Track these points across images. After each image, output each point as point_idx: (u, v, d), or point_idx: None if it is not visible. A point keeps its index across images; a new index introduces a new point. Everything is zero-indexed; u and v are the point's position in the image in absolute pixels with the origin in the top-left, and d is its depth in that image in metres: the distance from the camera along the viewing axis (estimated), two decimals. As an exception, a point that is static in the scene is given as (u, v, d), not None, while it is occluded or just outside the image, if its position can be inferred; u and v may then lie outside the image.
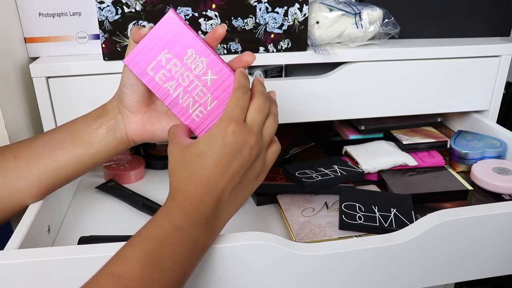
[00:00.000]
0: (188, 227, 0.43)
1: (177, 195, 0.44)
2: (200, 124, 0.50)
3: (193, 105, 0.50)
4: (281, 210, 0.67)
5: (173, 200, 0.44)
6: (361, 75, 0.73)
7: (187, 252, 0.42)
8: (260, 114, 0.47)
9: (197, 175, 0.44)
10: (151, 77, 0.49)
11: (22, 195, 0.53)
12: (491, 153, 0.74)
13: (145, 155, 0.84)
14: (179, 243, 0.42)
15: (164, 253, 0.41)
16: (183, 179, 0.45)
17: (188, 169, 0.45)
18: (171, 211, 0.44)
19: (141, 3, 0.64)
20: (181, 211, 0.43)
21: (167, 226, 0.42)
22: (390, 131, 0.83)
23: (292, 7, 0.68)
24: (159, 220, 0.43)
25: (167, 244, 0.41)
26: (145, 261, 0.39)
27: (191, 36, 0.49)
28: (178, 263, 0.41)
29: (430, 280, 0.55)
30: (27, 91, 0.68)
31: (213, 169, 0.44)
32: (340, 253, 0.50)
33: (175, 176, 0.46)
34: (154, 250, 0.40)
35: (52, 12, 0.67)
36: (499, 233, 0.55)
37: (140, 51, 0.49)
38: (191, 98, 0.49)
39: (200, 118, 0.50)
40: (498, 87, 0.80)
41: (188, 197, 0.44)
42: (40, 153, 0.52)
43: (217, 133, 0.45)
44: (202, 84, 0.49)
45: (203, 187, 0.44)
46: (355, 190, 0.69)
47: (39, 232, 0.54)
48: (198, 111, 0.50)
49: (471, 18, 0.81)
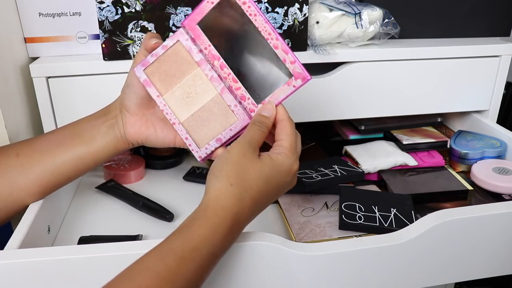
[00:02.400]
0: (218, 244, 0.42)
1: (221, 212, 0.43)
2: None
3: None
4: (281, 210, 0.67)
5: (215, 216, 0.42)
6: (361, 75, 0.73)
7: (211, 263, 0.42)
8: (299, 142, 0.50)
9: (253, 199, 0.44)
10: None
11: (23, 193, 0.53)
12: (491, 153, 0.74)
13: (145, 155, 0.84)
14: (207, 259, 0.41)
15: (191, 269, 0.40)
16: (235, 194, 0.43)
17: (245, 187, 0.44)
18: (211, 229, 0.42)
19: (141, 3, 0.64)
20: (222, 233, 0.42)
21: (202, 248, 0.41)
22: (390, 131, 0.83)
23: (292, 7, 0.68)
24: (193, 237, 0.41)
25: (197, 262, 0.41)
26: (174, 280, 0.39)
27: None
28: (200, 277, 0.42)
29: (430, 280, 0.55)
30: (27, 91, 0.68)
31: (266, 198, 0.46)
32: (340, 253, 0.50)
33: (233, 185, 0.44)
34: (184, 268, 0.40)
35: (52, 12, 0.67)
36: (499, 233, 0.55)
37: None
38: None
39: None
40: (498, 87, 0.80)
41: (231, 216, 0.43)
42: (42, 151, 0.53)
43: (286, 165, 0.46)
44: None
45: (251, 212, 0.45)
46: (355, 190, 0.69)
47: (39, 232, 0.54)
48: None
49: (471, 18, 0.81)
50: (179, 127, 0.50)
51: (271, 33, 0.48)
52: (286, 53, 0.48)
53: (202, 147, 0.50)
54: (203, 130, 0.50)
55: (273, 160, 0.46)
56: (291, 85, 0.48)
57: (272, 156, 0.46)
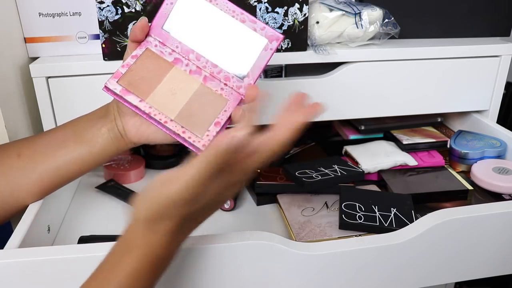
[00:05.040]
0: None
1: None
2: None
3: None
4: (281, 210, 0.67)
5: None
6: (361, 75, 0.73)
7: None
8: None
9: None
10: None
11: (24, 193, 0.53)
12: (491, 153, 0.74)
13: (145, 155, 0.84)
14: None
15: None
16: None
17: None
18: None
19: (141, 3, 0.64)
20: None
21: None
22: (390, 131, 0.83)
23: (292, 7, 0.68)
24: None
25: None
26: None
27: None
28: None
29: (430, 280, 0.55)
30: (27, 91, 0.68)
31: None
32: (340, 253, 0.50)
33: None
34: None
35: (52, 12, 0.67)
36: (499, 233, 0.55)
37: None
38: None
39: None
40: (498, 87, 0.80)
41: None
42: (44, 152, 0.52)
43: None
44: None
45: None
46: (355, 190, 0.69)
47: (39, 232, 0.54)
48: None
49: (471, 18, 0.81)
50: (172, 124, 0.49)
51: (235, 10, 0.50)
52: (254, 22, 0.50)
53: (204, 135, 0.49)
54: (199, 120, 0.50)
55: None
56: (268, 49, 0.50)
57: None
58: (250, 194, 0.74)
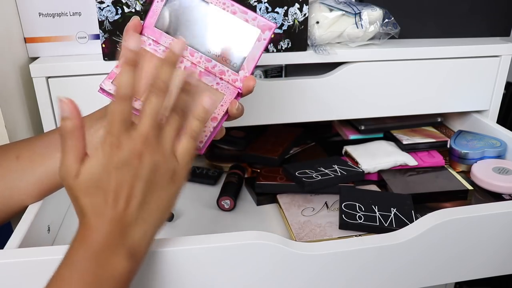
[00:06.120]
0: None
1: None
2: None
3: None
4: (281, 210, 0.67)
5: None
6: (361, 75, 0.73)
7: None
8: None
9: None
10: None
11: (23, 195, 0.53)
12: (491, 153, 0.74)
13: (145, 155, 0.84)
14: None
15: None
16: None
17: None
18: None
19: (141, 3, 0.64)
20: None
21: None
22: (390, 131, 0.83)
23: (292, 7, 0.68)
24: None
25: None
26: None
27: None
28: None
29: (430, 280, 0.55)
30: (27, 91, 0.68)
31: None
32: (340, 253, 0.50)
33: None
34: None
35: (52, 12, 0.67)
36: (499, 233, 0.55)
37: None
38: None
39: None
40: (498, 87, 0.80)
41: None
42: (43, 154, 0.52)
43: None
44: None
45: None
46: (355, 190, 0.69)
47: (39, 232, 0.54)
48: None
49: (471, 18, 0.81)
50: None
51: (225, 2, 0.49)
52: (245, 13, 0.49)
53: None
54: None
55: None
56: (261, 39, 0.49)
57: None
58: (250, 194, 0.74)
